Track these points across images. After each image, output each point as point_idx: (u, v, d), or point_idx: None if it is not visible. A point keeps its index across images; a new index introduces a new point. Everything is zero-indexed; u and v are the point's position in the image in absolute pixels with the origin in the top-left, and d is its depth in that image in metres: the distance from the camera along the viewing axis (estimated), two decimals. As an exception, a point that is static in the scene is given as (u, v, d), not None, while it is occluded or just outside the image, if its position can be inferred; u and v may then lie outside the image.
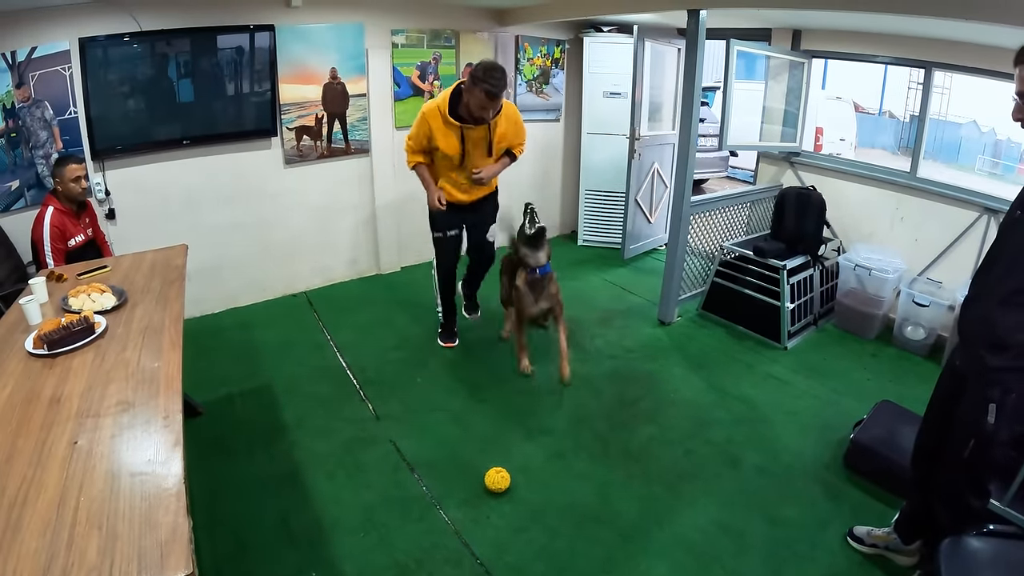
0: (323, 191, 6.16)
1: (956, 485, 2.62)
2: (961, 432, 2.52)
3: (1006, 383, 2.35)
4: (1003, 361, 2.33)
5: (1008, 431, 2.44)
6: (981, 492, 2.63)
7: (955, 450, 2.55)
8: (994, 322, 2.33)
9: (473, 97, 4.14)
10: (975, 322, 2.46)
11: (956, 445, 2.54)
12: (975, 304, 2.49)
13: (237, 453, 3.85)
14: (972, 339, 2.49)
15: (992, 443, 2.44)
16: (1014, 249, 2.31)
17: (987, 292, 2.40)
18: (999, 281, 2.34)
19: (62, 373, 2.53)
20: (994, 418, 2.37)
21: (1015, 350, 2.30)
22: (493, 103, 4.17)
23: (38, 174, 4.63)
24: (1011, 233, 2.36)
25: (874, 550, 3.15)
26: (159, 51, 4.85)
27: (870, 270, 5.35)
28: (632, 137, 6.83)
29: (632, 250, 7.44)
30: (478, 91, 4.08)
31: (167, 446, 2.07)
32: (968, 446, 2.47)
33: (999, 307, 2.32)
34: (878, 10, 3.80)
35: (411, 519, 3.34)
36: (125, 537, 1.67)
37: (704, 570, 3.07)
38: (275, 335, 5.39)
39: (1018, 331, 2.27)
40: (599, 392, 4.59)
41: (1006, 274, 2.32)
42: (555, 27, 7.20)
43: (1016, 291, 2.26)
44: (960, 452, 2.51)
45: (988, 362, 2.37)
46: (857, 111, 12.40)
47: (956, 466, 2.57)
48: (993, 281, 2.38)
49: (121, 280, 3.52)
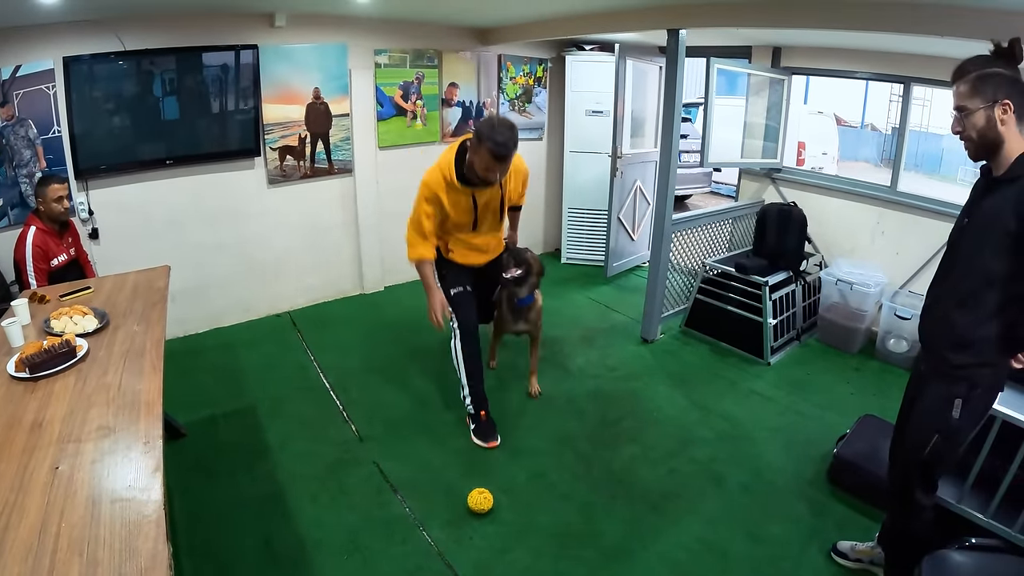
0: (306, 211, 6.16)
1: (907, 480, 2.71)
2: (922, 429, 2.62)
3: (972, 378, 2.48)
4: (967, 358, 2.47)
5: (971, 426, 2.60)
6: (931, 487, 2.71)
7: (914, 447, 2.65)
8: (954, 323, 2.48)
9: (479, 158, 3.68)
10: (935, 324, 2.61)
11: (915, 442, 2.65)
12: (934, 309, 2.64)
13: (220, 475, 3.83)
14: (934, 341, 2.62)
15: (955, 438, 2.58)
16: (965, 255, 2.46)
17: (945, 296, 2.55)
18: (954, 286, 2.50)
19: (44, 397, 2.51)
20: (959, 413, 2.50)
21: (975, 347, 2.45)
22: (501, 165, 3.71)
23: (21, 193, 4.61)
24: (961, 239, 2.51)
25: (859, 564, 3.18)
26: (143, 70, 4.86)
27: (852, 284, 5.40)
28: (614, 155, 6.86)
29: (615, 268, 7.47)
30: (484, 151, 3.62)
31: (147, 472, 2.05)
32: (930, 442, 2.58)
33: (957, 309, 2.47)
34: (853, 28, 3.86)
35: (395, 541, 3.32)
36: (105, 564, 1.66)
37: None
38: (258, 356, 5.38)
39: (976, 328, 2.42)
40: (582, 412, 4.59)
41: (961, 278, 2.47)
42: (537, 46, 7.26)
43: (971, 293, 2.42)
44: (920, 449, 2.62)
45: (952, 360, 2.50)
46: (839, 125, 12.53)
47: (912, 463, 2.68)
48: (949, 286, 2.54)
49: (103, 302, 3.50)
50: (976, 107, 2.28)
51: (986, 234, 2.36)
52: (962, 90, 2.31)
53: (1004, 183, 2.30)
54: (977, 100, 2.27)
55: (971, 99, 2.29)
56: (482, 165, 3.70)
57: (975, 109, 2.28)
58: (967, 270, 2.44)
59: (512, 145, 3.64)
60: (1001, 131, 2.27)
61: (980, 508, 3.09)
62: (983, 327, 2.41)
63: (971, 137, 2.34)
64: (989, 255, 2.34)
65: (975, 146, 2.36)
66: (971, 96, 2.29)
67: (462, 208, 4.01)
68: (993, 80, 2.24)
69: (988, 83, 2.24)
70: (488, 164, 3.66)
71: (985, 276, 2.37)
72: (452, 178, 3.86)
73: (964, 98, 2.31)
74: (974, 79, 2.27)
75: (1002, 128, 2.26)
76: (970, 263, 2.43)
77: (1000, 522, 3.05)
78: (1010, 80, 2.23)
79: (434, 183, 3.91)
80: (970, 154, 2.42)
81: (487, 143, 3.58)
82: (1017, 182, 2.25)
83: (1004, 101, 2.23)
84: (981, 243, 2.38)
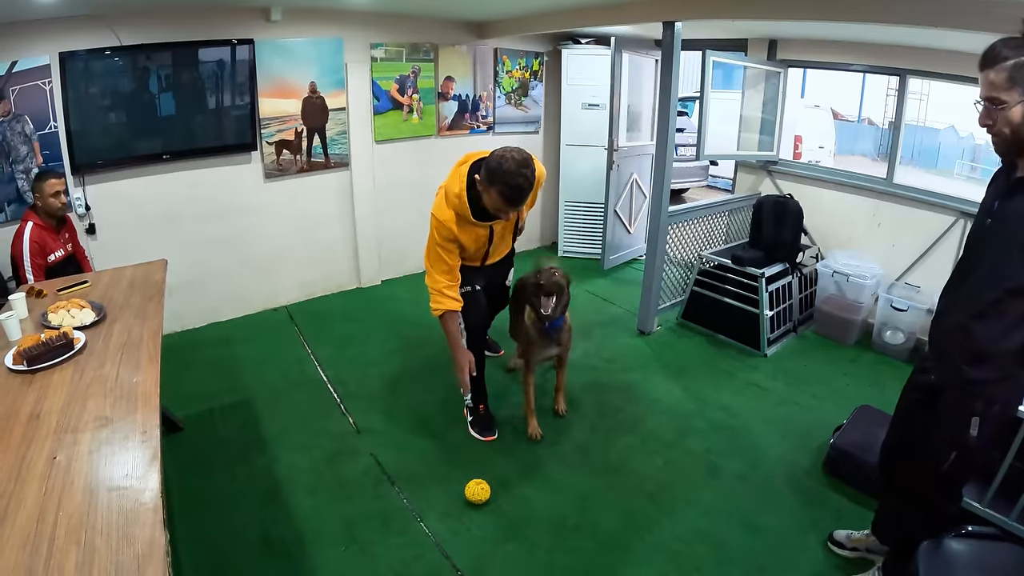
0: (303, 205, 6.17)
1: (930, 493, 2.61)
2: (940, 446, 2.49)
3: (989, 395, 2.33)
4: (984, 373, 2.30)
5: (990, 441, 2.44)
6: (955, 497, 2.64)
7: (933, 463, 2.52)
8: (972, 334, 2.31)
9: (490, 198, 3.37)
10: (950, 334, 2.43)
11: (934, 459, 2.52)
12: (948, 316, 2.47)
13: (218, 468, 3.83)
14: (948, 352, 2.45)
15: (974, 454, 2.43)
16: (987, 260, 2.29)
17: (962, 303, 2.37)
18: (973, 294, 2.32)
19: (41, 389, 2.53)
20: (977, 431, 2.35)
21: (997, 360, 2.28)
22: (514, 208, 3.39)
23: (18, 189, 4.62)
24: (982, 243, 2.34)
25: (855, 553, 3.18)
26: (139, 65, 4.85)
27: (848, 276, 5.41)
28: (611, 148, 6.87)
29: (612, 261, 7.49)
30: (495, 194, 3.30)
31: (144, 461, 2.06)
32: (949, 459, 2.45)
33: (976, 319, 2.29)
34: (849, 19, 3.84)
35: (392, 532, 3.34)
36: (103, 551, 1.67)
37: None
38: (256, 350, 5.38)
39: (999, 341, 2.25)
40: (579, 403, 4.59)
41: (981, 286, 2.28)
42: (533, 39, 7.26)
43: (994, 301, 2.23)
44: (939, 465, 2.49)
45: (968, 375, 2.34)
46: (836, 119, 12.48)
47: (931, 477, 2.55)
48: (967, 292, 2.36)
49: (101, 295, 3.51)
50: (1014, 101, 2.03)
51: (1013, 239, 2.16)
52: (997, 80, 2.05)
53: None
54: (1015, 92, 2.02)
55: (1008, 91, 2.03)
56: (493, 205, 3.41)
57: (1012, 103, 2.04)
58: (989, 278, 2.26)
59: (528, 187, 3.29)
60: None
61: (976, 497, 3.11)
62: (1005, 340, 2.24)
63: (1003, 133, 2.11)
64: (1016, 262, 2.16)
65: (1006, 143, 2.14)
66: (1008, 87, 2.03)
67: (480, 240, 3.76)
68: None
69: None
70: (499, 206, 3.37)
71: (1010, 286, 2.19)
72: (467, 214, 3.54)
73: (999, 89, 2.05)
74: (1012, 67, 2.01)
75: None
76: (992, 270, 2.25)
77: (996, 511, 3.07)
78: None
79: (448, 220, 3.55)
80: (998, 150, 2.21)
81: (498, 186, 3.27)
82: None
83: None
84: (1006, 249, 2.19)
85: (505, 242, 4.09)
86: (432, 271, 3.69)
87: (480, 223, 3.62)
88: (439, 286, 3.67)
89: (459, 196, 3.51)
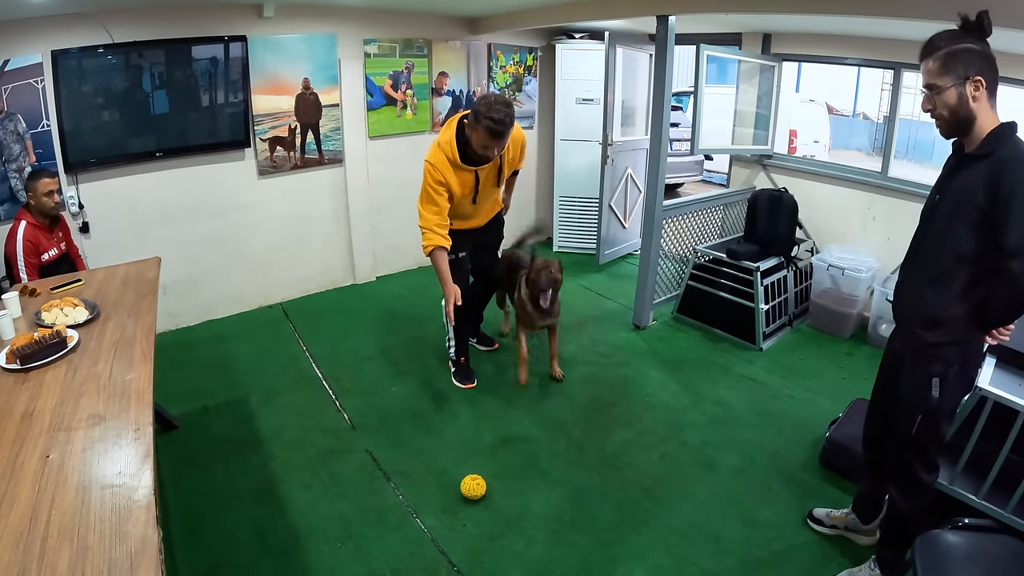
0: (297, 202, 6.16)
1: (906, 461, 2.72)
2: (906, 410, 2.65)
3: (946, 357, 2.51)
4: (939, 336, 2.49)
5: (953, 403, 2.62)
6: (931, 466, 2.72)
7: (902, 428, 2.68)
8: (925, 300, 2.50)
9: (476, 136, 3.78)
10: (908, 302, 2.65)
11: (903, 423, 2.67)
12: (906, 286, 2.68)
13: (213, 465, 3.83)
14: (907, 319, 2.66)
15: (939, 416, 2.59)
16: (936, 232, 2.48)
17: (916, 274, 2.58)
18: (925, 263, 2.53)
19: (35, 387, 2.52)
20: (939, 391, 2.53)
21: (947, 325, 2.47)
22: (498, 142, 3.81)
23: (11, 188, 4.60)
24: (932, 217, 2.53)
25: (834, 531, 3.27)
26: (132, 63, 4.83)
27: (843, 270, 5.42)
28: (605, 143, 6.86)
29: (607, 255, 7.48)
30: (481, 129, 3.72)
31: (137, 458, 2.06)
32: (916, 422, 2.61)
33: (928, 287, 2.49)
34: (843, 12, 3.85)
35: (388, 528, 3.33)
36: (96, 549, 1.67)
37: (681, 573, 3.09)
38: (251, 347, 5.37)
39: (948, 307, 2.44)
40: (574, 398, 4.60)
41: (932, 256, 2.50)
42: (527, 34, 7.25)
43: (942, 270, 2.44)
44: (907, 429, 2.64)
45: (925, 339, 2.53)
46: (831, 113, 12.50)
47: (905, 443, 2.69)
48: (920, 262, 2.57)
49: (94, 294, 3.51)
50: (947, 85, 2.27)
51: (957, 211, 2.37)
52: (932, 67, 2.30)
53: (975, 159, 2.30)
54: (948, 78, 2.26)
55: (941, 77, 2.27)
56: (480, 143, 3.80)
57: (946, 87, 2.27)
58: (938, 248, 2.46)
59: (509, 122, 3.73)
60: (973, 108, 2.27)
61: (972, 490, 3.11)
62: (954, 305, 2.43)
63: (942, 115, 2.34)
64: (960, 232, 2.35)
65: (947, 124, 2.35)
66: (941, 74, 2.27)
67: (466, 185, 4.09)
68: (964, 56, 2.22)
69: (959, 60, 2.23)
70: (486, 142, 3.77)
71: (956, 253, 2.38)
72: (455, 157, 3.94)
73: (934, 76, 2.30)
74: (944, 56, 2.26)
75: (974, 105, 2.26)
76: (941, 240, 2.44)
77: (992, 503, 3.07)
78: (980, 55, 2.22)
79: (439, 163, 3.95)
80: (942, 132, 2.42)
81: (484, 121, 3.68)
82: (988, 158, 2.25)
83: (976, 78, 2.22)
84: (952, 220, 2.39)
85: (488, 193, 4.31)
86: (424, 212, 4.06)
87: (467, 167, 3.99)
88: (430, 224, 4.03)
89: (449, 143, 3.94)
